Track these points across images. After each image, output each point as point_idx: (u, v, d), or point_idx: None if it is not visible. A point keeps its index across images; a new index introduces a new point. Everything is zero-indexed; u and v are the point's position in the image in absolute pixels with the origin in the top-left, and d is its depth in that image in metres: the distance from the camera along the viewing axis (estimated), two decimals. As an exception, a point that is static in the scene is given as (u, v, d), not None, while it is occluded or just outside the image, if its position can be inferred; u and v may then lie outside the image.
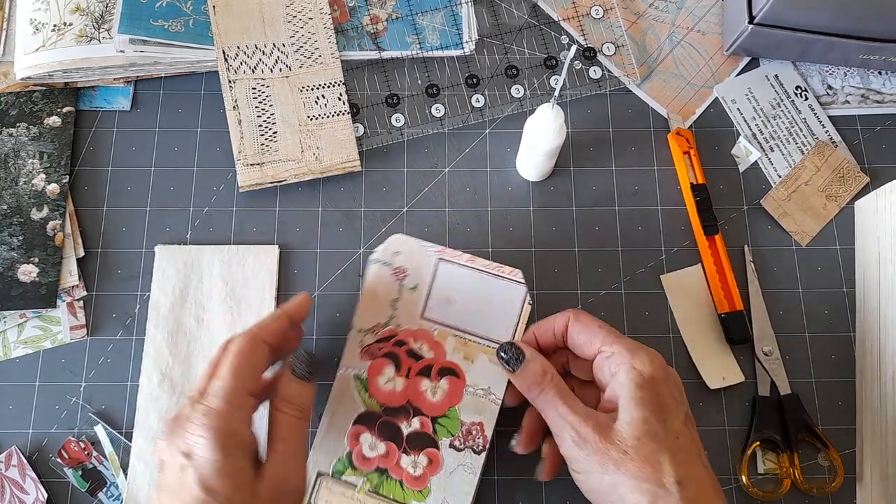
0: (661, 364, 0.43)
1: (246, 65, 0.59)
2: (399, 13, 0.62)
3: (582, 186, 0.59)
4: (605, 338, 0.44)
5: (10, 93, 0.59)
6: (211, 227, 0.57)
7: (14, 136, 0.58)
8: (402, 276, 0.49)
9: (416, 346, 0.48)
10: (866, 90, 0.61)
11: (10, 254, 0.55)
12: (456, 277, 0.48)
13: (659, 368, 0.42)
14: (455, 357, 0.48)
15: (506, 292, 0.48)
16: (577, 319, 0.45)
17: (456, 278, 0.48)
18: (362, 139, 0.59)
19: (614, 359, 0.43)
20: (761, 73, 0.62)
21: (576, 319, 0.45)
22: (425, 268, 0.49)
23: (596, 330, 0.44)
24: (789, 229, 0.58)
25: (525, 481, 0.52)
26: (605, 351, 0.44)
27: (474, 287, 0.48)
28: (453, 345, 0.48)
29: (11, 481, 0.51)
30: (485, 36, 0.62)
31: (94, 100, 0.60)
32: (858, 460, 0.53)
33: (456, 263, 0.49)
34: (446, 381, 0.48)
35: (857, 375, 0.54)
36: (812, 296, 0.56)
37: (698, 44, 0.63)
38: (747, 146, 0.59)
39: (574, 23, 0.63)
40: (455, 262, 0.49)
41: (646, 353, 0.43)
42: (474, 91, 0.61)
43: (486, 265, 0.49)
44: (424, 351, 0.48)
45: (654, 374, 0.42)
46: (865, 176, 0.59)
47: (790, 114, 0.60)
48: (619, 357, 0.43)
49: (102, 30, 0.59)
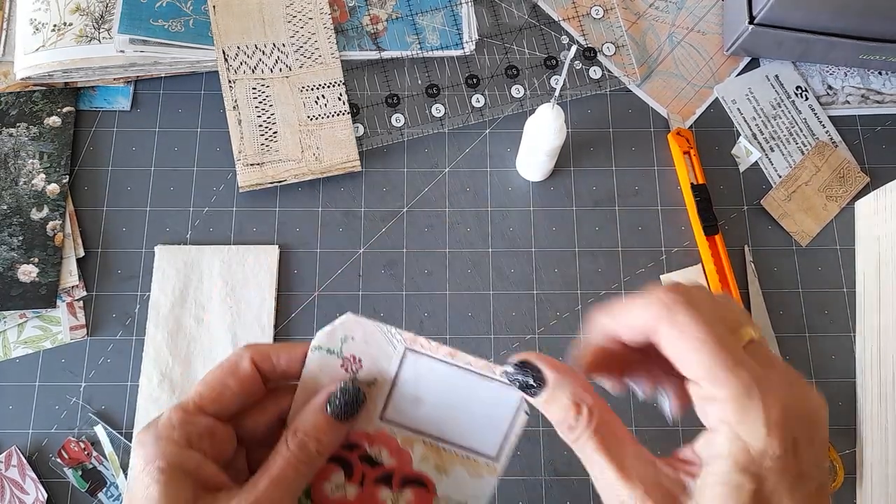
0: (795, 426, 0.26)
1: (246, 65, 0.59)
2: (399, 13, 0.62)
3: (582, 186, 0.59)
4: (708, 363, 0.26)
5: (10, 93, 0.59)
6: (211, 227, 0.57)
7: (14, 136, 0.58)
8: (356, 367, 0.38)
9: (374, 452, 0.38)
10: (866, 90, 0.61)
11: (10, 254, 0.55)
12: (429, 374, 0.37)
13: (784, 439, 0.25)
14: (424, 466, 0.37)
15: (495, 396, 0.36)
16: (672, 322, 0.28)
17: (429, 375, 0.37)
18: (362, 139, 0.59)
19: (716, 408, 0.27)
20: (761, 73, 0.62)
21: (671, 322, 0.28)
22: (386, 359, 0.38)
23: (697, 345, 0.27)
24: (789, 229, 0.58)
25: (525, 481, 0.52)
26: (703, 387, 0.27)
27: (453, 387, 0.37)
28: (422, 452, 0.37)
29: (11, 481, 0.51)
30: (485, 36, 0.62)
31: (94, 100, 0.60)
32: (858, 460, 0.53)
33: (429, 357, 0.37)
34: (411, 493, 0.37)
35: (857, 375, 0.54)
36: (812, 296, 0.56)
37: (698, 44, 0.63)
38: (747, 146, 0.59)
39: (574, 23, 0.63)
40: (429, 355, 0.37)
41: (764, 412, 0.25)
42: (474, 91, 0.61)
43: (471, 362, 0.36)
44: (384, 457, 0.37)
45: (773, 452, 0.25)
46: (865, 176, 0.59)
47: (790, 114, 0.60)
48: (721, 409, 0.26)
49: (102, 30, 0.59)
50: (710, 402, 0.27)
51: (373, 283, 0.56)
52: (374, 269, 0.57)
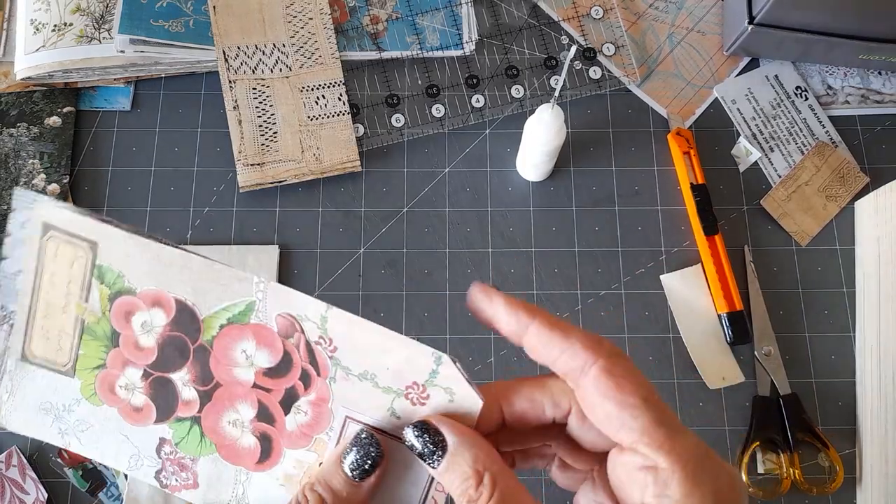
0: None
1: (246, 65, 0.59)
2: (399, 13, 0.62)
3: (582, 186, 0.59)
4: (647, 429, 0.24)
5: (10, 93, 0.59)
6: (211, 228, 0.57)
7: (14, 137, 0.58)
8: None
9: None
10: (866, 90, 0.61)
11: (11, 254, 0.55)
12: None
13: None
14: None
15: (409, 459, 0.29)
16: (610, 373, 0.24)
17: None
18: (362, 139, 0.60)
19: (654, 480, 0.24)
20: (761, 73, 0.62)
21: (609, 373, 0.24)
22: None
23: (634, 405, 0.24)
24: (789, 229, 0.58)
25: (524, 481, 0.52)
26: (641, 453, 0.24)
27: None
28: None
29: (12, 481, 0.51)
30: (485, 36, 0.62)
31: (94, 100, 0.60)
32: (858, 460, 0.53)
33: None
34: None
35: (857, 375, 0.54)
36: (812, 296, 0.56)
37: (698, 44, 0.63)
38: (747, 146, 0.59)
39: (574, 23, 0.63)
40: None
41: (712, 493, 0.23)
42: (474, 91, 0.61)
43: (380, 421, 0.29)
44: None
45: None
46: (865, 176, 0.59)
47: (790, 114, 0.60)
48: (663, 483, 0.23)
49: (103, 30, 0.59)
50: (647, 471, 0.24)
51: (373, 283, 0.56)
52: (374, 269, 0.57)
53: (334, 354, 0.29)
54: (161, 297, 0.29)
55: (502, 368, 0.54)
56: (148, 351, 0.30)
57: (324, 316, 0.28)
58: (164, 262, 0.29)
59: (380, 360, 0.28)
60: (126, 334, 0.30)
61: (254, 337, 0.29)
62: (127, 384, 0.31)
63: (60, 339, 0.31)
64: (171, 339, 0.30)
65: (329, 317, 0.28)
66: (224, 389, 0.30)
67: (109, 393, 0.31)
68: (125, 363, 0.30)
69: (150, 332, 0.30)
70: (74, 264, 0.30)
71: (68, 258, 0.30)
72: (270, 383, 0.30)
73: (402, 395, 0.28)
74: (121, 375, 0.31)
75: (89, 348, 0.31)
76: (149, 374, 0.30)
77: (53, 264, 0.30)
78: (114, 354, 0.30)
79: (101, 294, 0.30)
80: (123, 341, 0.30)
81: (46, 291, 0.30)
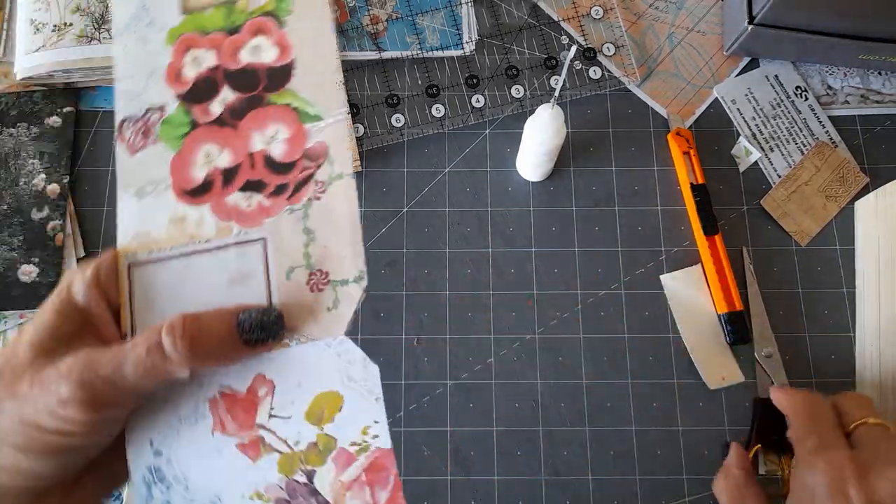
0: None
1: (246, 65, 0.59)
2: (399, 13, 0.62)
3: (582, 186, 0.59)
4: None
5: (10, 93, 0.59)
6: (211, 227, 0.57)
7: (14, 136, 0.58)
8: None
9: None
10: (866, 90, 0.61)
11: (11, 254, 0.55)
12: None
13: None
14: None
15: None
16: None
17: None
18: (362, 139, 0.60)
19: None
20: (761, 73, 0.62)
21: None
22: None
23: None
24: (789, 229, 0.58)
25: (525, 481, 0.52)
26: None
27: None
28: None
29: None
30: (485, 36, 0.62)
31: (94, 100, 0.60)
32: (858, 460, 0.53)
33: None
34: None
35: (857, 376, 0.54)
36: (812, 296, 0.56)
37: (698, 44, 0.63)
38: (747, 146, 0.59)
39: (574, 23, 0.63)
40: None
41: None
42: (474, 91, 0.61)
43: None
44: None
45: None
46: (865, 176, 0.59)
47: (790, 114, 0.60)
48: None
49: (103, 30, 0.59)
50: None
51: (373, 283, 0.56)
52: (374, 269, 0.57)
53: (308, 211, 0.33)
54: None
55: (502, 369, 0.54)
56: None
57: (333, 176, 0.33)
58: None
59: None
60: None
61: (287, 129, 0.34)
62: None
63: None
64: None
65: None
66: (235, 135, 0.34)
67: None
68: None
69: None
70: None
71: None
72: (266, 172, 0.34)
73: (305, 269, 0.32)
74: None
75: None
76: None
77: None
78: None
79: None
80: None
81: None
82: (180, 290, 0.32)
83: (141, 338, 0.28)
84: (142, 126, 0.35)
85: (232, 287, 0.32)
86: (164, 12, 0.37)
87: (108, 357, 0.28)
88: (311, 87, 0.34)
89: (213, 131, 0.34)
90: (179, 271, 0.33)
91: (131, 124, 0.35)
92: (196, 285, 0.32)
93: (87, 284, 0.31)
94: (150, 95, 0.35)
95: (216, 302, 0.31)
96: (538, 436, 0.53)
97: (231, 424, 0.31)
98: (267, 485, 0.30)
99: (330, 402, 0.31)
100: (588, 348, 0.55)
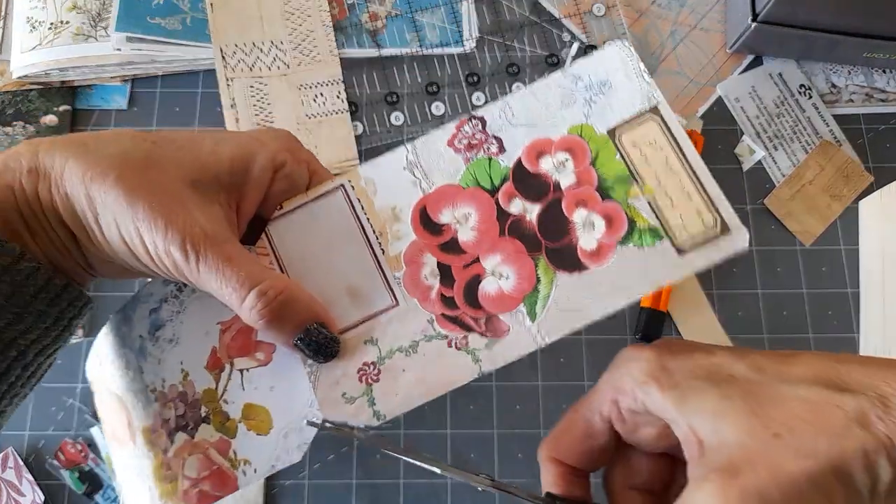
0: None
1: (244, 63, 0.59)
2: (398, 10, 0.62)
3: (583, 186, 0.58)
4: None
5: (6, 91, 0.59)
6: (209, 227, 0.57)
7: (10, 136, 0.58)
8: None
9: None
10: (870, 89, 0.61)
11: (7, 254, 0.55)
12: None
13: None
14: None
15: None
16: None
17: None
18: (361, 138, 0.59)
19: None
20: (765, 71, 0.61)
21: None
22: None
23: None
24: (793, 229, 0.57)
25: (525, 483, 0.52)
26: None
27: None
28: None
29: (8, 483, 0.51)
30: (485, 33, 0.62)
31: (90, 98, 0.60)
32: (862, 462, 0.52)
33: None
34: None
35: (862, 377, 0.54)
36: (816, 296, 0.56)
37: (701, 41, 0.62)
38: (751, 145, 0.59)
39: (576, 20, 0.62)
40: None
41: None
42: (475, 89, 0.60)
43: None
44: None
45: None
46: (870, 175, 0.58)
47: (794, 112, 0.60)
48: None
49: (99, 28, 0.59)
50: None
51: (372, 283, 0.56)
52: (373, 269, 0.56)
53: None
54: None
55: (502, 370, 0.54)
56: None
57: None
58: None
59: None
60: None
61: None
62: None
63: None
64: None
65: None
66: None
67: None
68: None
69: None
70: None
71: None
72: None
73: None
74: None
75: None
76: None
77: None
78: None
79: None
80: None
81: None
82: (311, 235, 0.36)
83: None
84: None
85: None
86: None
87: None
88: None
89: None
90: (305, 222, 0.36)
91: None
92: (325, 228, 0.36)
93: (269, 168, 0.34)
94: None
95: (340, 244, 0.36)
96: (539, 436, 0.53)
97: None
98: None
99: (260, 414, 0.34)
100: (589, 349, 0.54)
